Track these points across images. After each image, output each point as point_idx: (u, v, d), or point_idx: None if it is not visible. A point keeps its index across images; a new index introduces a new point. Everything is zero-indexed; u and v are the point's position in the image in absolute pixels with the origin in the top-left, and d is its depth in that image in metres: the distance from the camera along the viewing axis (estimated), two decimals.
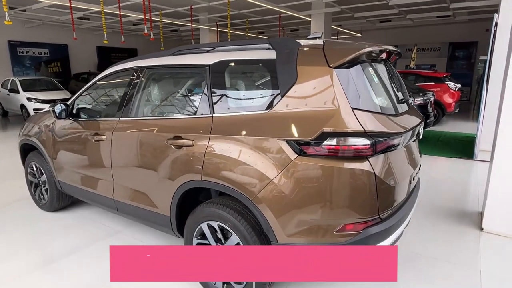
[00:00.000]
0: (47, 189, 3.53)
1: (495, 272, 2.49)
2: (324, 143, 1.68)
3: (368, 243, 1.75)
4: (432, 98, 7.14)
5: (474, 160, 5.60)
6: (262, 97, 1.97)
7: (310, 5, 10.90)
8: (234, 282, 2.07)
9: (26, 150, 3.77)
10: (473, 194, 4.07)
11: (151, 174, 2.36)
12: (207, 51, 2.33)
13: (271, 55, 1.96)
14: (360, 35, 17.45)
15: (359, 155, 1.68)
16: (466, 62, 15.55)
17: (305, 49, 1.90)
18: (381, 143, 1.72)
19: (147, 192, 2.45)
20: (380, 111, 1.84)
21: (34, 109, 9.68)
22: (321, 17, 11.13)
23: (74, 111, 3.10)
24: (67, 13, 10.96)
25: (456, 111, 9.11)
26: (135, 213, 2.62)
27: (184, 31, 16.19)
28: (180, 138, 2.16)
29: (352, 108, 1.71)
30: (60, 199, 3.54)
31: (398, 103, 2.12)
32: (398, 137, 1.83)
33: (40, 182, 3.60)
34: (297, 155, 1.74)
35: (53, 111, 2.99)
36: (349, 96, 1.73)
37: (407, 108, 2.23)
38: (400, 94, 2.25)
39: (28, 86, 10.51)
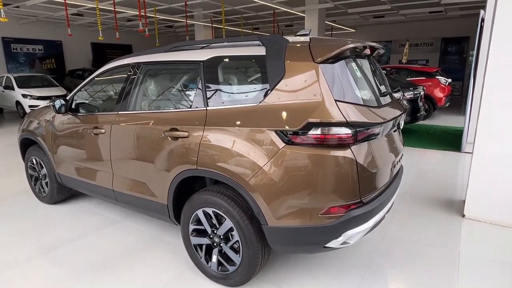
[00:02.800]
0: (47, 182, 3.64)
1: (472, 253, 2.67)
2: (309, 133, 1.82)
3: (350, 225, 1.89)
4: (422, 93, 7.30)
5: (461, 152, 5.78)
6: (253, 90, 2.11)
7: (304, 1, 11.01)
8: (228, 264, 2.22)
9: (26, 144, 3.87)
10: (459, 184, 4.25)
11: (149, 165, 2.49)
12: (201, 48, 2.45)
13: (261, 51, 2.09)
14: (354, 30, 17.59)
15: (341, 144, 1.82)
16: (458, 57, 15.76)
17: (292, 45, 2.03)
18: (362, 132, 1.86)
19: (145, 182, 2.58)
20: (362, 103, 1.98)
21: (30, 106, 9.71)
22: (315, 12, 11.24)
23: (73, 106, 3.21)
24: (61, 9, 10.96)
25: (447, 105, 9.30)
26: (134, 203, 2.75)
27: (179, 27, 16.23)
28: (176, 130, 2.29)
29: (336, 100, 1.85)
30: (60, 192, 3.66)
31: (381, 96, 2.26)
32: (378, 126, 1.97)
33: (40, 175, 3.71)
34: (285, 144, 1.87)
35: (53, 106, 3.10)
36: (333, 89, 1.87)
37: (389, 100, 2.37)
38: (382, 87, 2.39)
39: (23, 83, 10.51)
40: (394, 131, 2.36)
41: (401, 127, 2.45)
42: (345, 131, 1.80)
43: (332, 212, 1.87)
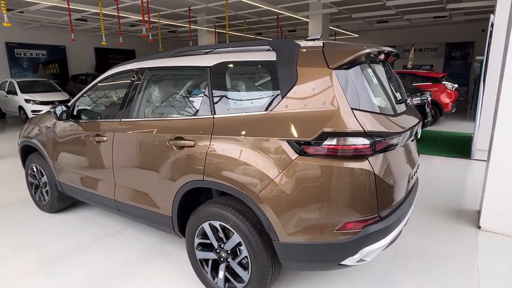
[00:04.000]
0: (47, 190, 3.54)
1: (492, 268, 2.53)
2: (324, 143, 1.71)
3: (367, 241, 1.77)
4: (429, 98, 7.19)
5: (471, 159, 5.65)
6: (263, 98, 2.00)
7: (308, 6, 10.95)
8: (235, 280, 2.10)
9: (27, 151, 3.78)
10: (470, 193, 4.11)
11: (153, 175, 2.38)
12: (207, 53, 2.35)
13: (271, 56, 1.99)
14: (357, 35, 17.53)
15: (358, 155, 1.71)
16: (462, 62, 15.65)
17: (305, 50, 1.93)
18: (380, 143, 1.75)
19: (148, 192, 2.47)
20: (378, 111, 1.87)
21: (32, 111, 9.67)
22: (319, 18, 11.18)
23: (75, 113, 3.12)
24: (65, 14, 10.97)
25: (453, 110, 9.18)
26: (137, 213, 2.64)
27: (182, 32, 16.21)
28: (182, 138, 2.18)
29: (352, 109, 1.74)
30: (60, 200, 3.55)
31: (397, 103, 2.16)
32: (396, 136, 1.86)
33: (41, 183, 3.61)
34: (297, 155, 1.76)
35: (54, 112, 3.01)
36: (349, 97, 1.76)
37: (405, 108, 2.26)
38: (398, 95, 2.29)
39: (26, 88, 10.49)
40: (411, 141, 2.25)
41: (418, 137, 2.34)
42: (362, 142, 1.69)
43: (348, 228, 1.76)
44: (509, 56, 2.85)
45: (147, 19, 9.43)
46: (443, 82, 8.92)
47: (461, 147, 6.44)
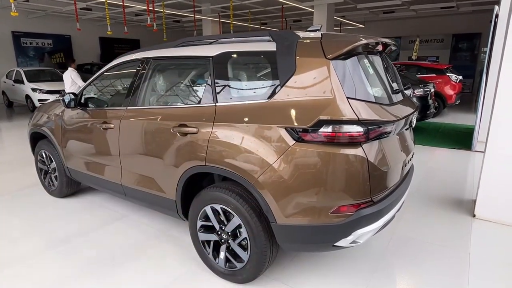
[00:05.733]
0: (56, 175, 3.67)
1: (483, 254, 2.62)
2: (320, 130, 1.80)
3: (360, 224, 1.87)
4: (432, 90, 7.19)
5: (472, 151, 5.69)
6: (263, 87, 2.08)
7: None
8: (235, 260, 2.22)
9: (36, 138, 3.90)
10: (469, 183, 4.18)
11: (158, 160, 2.49)
12: (211, 43, 2.43)
13: (271, 47, 2.06)
14: (363, 26, 17.36)
15: (353, 142, 1.79)
16: (469, 54, 15.49)
17: (304, 41, 2.00)
18: (373, 131, 1.83)
19: (153, 177, 2.58)
20: (374, 101, 1.94)
21: (39, 100, 9.81)
22: (324, 8, 11.12)
23: (82, 101, 3.22)
24: (70, 3, 11.01)
25: (457, 103, 9.15)
26: (142, 198, 2.76)
27: (186, 22, 16.20)
28: (185, 126, 2.28)
29: (347, 98, 1.82)
30: (69, 186, 3.69)
31: (393, 93, 2.22)
32: (390, 125, 1.94)
33: (50, 169, 3.75)
34: (295, 142, 1.85)
35: (63, 100, 3.12)
36: (345, 86, 1.84)
37: (401, 98, 2.33)
38: (394, 85, 2.35)
39: (33, 77, 10.62)
40: (406, 130, 2.32)
41: (413, 126, 2.41)
42: (356, 129, 1.77)
43: (342, 211, 1.85)
44: (507, 47, 2.89)
45: (151, 8, 9.45)
46: (447, 74, 8.89)
47: (463, 139, 6.47)
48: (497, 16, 5.41)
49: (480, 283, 2.29)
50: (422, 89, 6.81)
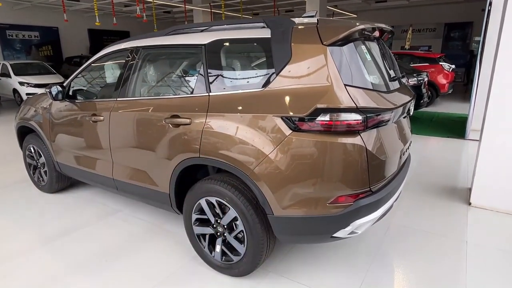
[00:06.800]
0: (46, 170, 3.58)
1: (480, 242, 2.62)
2: (317, 119, 1.74)
3: (359, 214, 1.84)
4: (426, 79, 7.18)
5: (465, 139, 5.72)
6: (258, 75, 2.01)
7: None
8: (232, 253, 2.17)
9: (23, 133, 3.79)
10: (463, 172, 4.19)
11: (150, 153, 2.42)
12: (202, 31, 2.34)
13: (266, 33, 1.99)
14: (355, 15, 17.25)
15: (351, 130, 1.74)
16: (461, 43, 15.52)
17: (299, 27, 1.93)
18: (372, 119, 1.78)
19: (146, 170, 2.51)
20: (371, 88, 1.89)
21: (27, 94, 9.57)
22: None
23: (70, 93, 3.12)
24: None
25: (450, 91, 9.19)
26: (135, 192, 2.69)
27: (177, 12, 15.90)
28: (178, 117, 2.21)
29: (345, 85, 1.76)
30: (59, 181, 3.59)
31: (390, 81, 2.18)
32: (388, 113, 1.89)
33: (39, 164, 3.65)
34: (291, 131, 1.80)
35: (50, 92, 3.01)
36: (342, 73, 1.78)
37: (398, 86, 2.28)
38: (392, 72, 2.30)
39: (20, 70, 10.34)
40: (403, 118, 2.28)
41: (411, 114, 2.37)
42: (354, 117, 1.72)
43: (340, 201, 1.81)
44: (503, 34, 2.86)
45: None
46: (440, 63, 8.89)
47: (456, 127, 6.49)
48: (490, 3, 5.38)
49: (478, 270, 2.29)
50: (416, 78, 6.80)
